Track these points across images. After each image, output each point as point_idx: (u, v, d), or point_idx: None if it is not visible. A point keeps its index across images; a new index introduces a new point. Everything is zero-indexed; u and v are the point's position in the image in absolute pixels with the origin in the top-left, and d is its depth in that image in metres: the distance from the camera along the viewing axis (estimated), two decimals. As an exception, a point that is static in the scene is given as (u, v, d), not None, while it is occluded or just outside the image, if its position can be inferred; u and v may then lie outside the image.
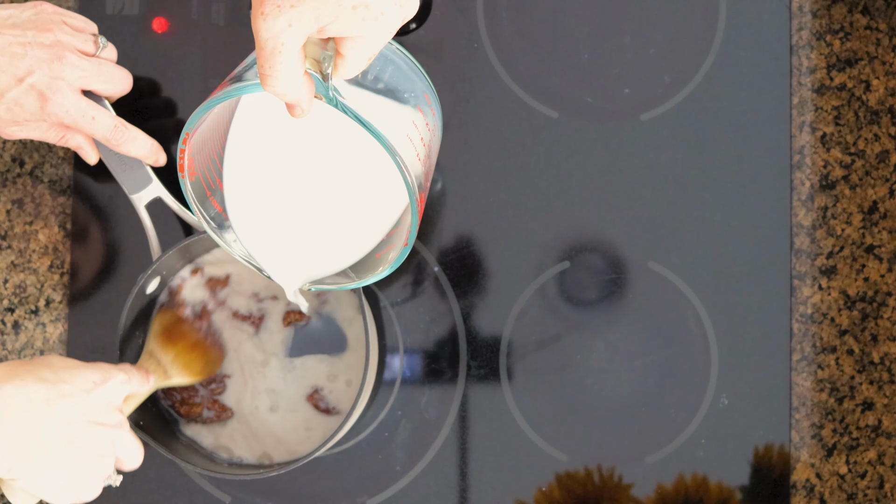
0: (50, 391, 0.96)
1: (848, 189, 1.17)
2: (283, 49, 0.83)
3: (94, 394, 0.99)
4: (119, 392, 1.01)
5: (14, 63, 1.06)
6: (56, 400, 0.96)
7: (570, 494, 1.16)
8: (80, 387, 0.98)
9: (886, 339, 1.16)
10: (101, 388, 1.00)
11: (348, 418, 1.07)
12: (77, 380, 0.98)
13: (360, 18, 0.84)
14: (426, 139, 1.00)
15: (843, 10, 1.18)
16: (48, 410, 0.95)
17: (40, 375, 0.96)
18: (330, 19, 0.83)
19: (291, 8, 0.83)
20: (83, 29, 1.12)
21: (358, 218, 1.04)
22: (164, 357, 1.11)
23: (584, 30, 1.20)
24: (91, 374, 1.00)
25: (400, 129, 0.96)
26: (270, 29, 0.83)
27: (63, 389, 0.97)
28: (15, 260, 1.20)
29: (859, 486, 1.15)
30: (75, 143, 1.12)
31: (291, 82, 0.85)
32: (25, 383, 0.95)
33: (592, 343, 1.17)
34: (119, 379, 1.02)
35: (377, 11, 0.84)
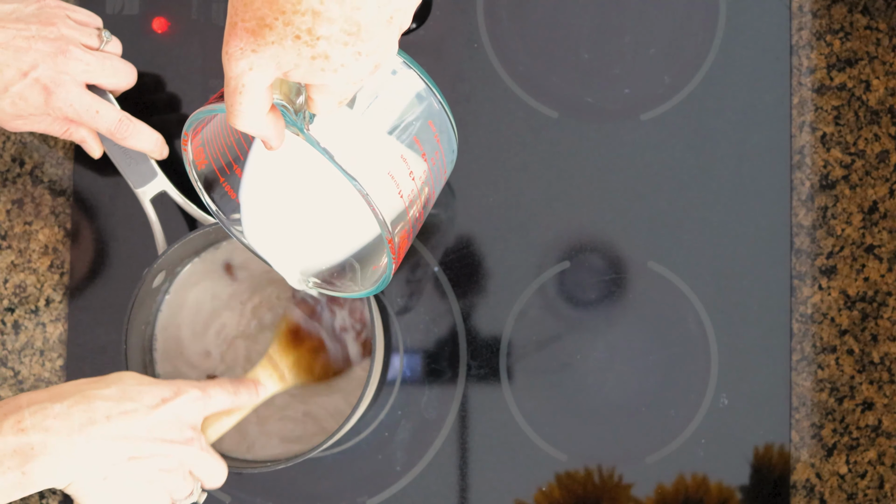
0: (112, 408, 0.96)
1: (848, 189, 1.18)
2: (243, 90, 0.86)
3: (160, 409, 0.98)
4: (192, 409, 1.01)
5: (18, 57, 1.07)
6: (117, 416, 0.96)
7: (570, 494, 1.17)
8: (146, 403, 0.98)
9: (886, 339, 1.17)
10: (168, 405, 0.99)
11: (349, 418, 1.08)
12: (144, 396, 0.98)
13: (318, 69, 0.85)
14: (418, 174, 0.99)
15: (843, 10, 1.19)
16: (108, 427, 0.95)
17: (105, 393, 0.97)
18: (290, 67, 0.85)
19: (253, 52, 0.84)
20: (87, 23, 1.12)
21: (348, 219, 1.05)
22: (282, 361, 1.10)
23: (584, 30, 1.21)
24: (161, 390, 1.00)
25: (381, 164, 0.96)
26: (234, 69, 0.85)
27: (126, 406, 0.97)
28: (15, 260, 1.21)
29: (859, 486, 1.16)
30: (79, 136, 1.13)
31: (253, 120, 0.88)
32: (88, 399, 0.96)
33: (592, 343, 1.18)
34: (191, 395, 1.01)
35: (336, 63, 0.84)
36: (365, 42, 0.84)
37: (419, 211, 1.00)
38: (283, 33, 0.83)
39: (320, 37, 0.83)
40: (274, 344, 1.11)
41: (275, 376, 1.10)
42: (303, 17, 0.83)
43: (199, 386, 1.03)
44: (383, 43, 0.85)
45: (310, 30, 0.83)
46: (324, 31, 0.83)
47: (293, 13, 0.83)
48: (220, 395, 1.04)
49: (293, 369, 1.11)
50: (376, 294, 1.10)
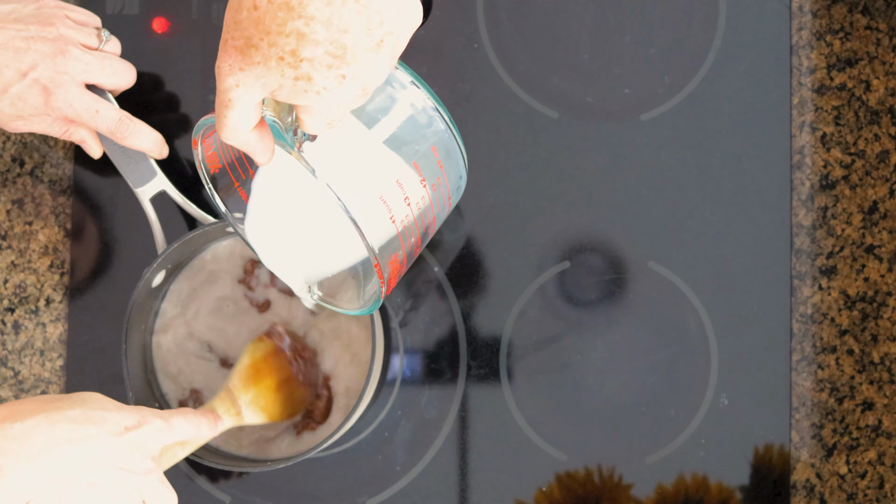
0: (75, 431, 0.94)
1: (848, 189, 1.18)
2: (230, 105, 0.87)
3: (124, 438, 0.96)
4: (154, 439, 0.99)
5: (17, 58, 1.07)
6: (80, 441, 0.94)
7: (570, 494, 1.17)
8: (109, 430, 0.96)
9: (886, 339, 1.17)
10: (132, 433, 0.97)
11: (349, 418, 1.09)
12: (108, 422, 0.96)
13: (301, 90, 0.85)
14: (415, 199, 0.98)
15: (844, 10, 1.20)
16: (69, 451, 0.93)
17: (69, 415, 0.95)
18: (275, 86, 0.85)
19: (240, 70, 0.85)
20: (86, 23, 1.13)
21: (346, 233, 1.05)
22: (242, 396, 1.09)
23: (584, 30, 1.21)
24: (125, 417, 0.98)
25: (374, 188, 0.95)
26: (222, 84, 0.86)
27: (89, 431, 0.95)
28: (15, 260, 1.22)
29: (859, 486, 1.17)
30: (79, 137, 1.14)
31: (239, 135, 0.88)
32: (50, 420, 0.94)
33: (592, 343, 1.18)
34: (155, 426, 0.99)
35: (319, 86, 0.85)
36: (350, 66, 0.84)
37: (416, 237, 0.99)
38: (268, 54, 0.84)
39: (303, 59, 0.83)
40: (234, 377, 1.10)
41: (231, 411, 1.08)
42: (287, 38, 0.83)
43: (163, 416, 1.01)
44: (371, 67, 0.85)
45: (293, 51, 0.83)
46: (307, 54, 0.83)
47: (278, 34, 0.83)
48: (182, 427, 1.02)
49: (250, 406, 1.09)
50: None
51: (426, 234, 1.00)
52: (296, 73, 0.84)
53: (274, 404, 1.11)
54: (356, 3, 0.83)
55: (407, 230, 0.97)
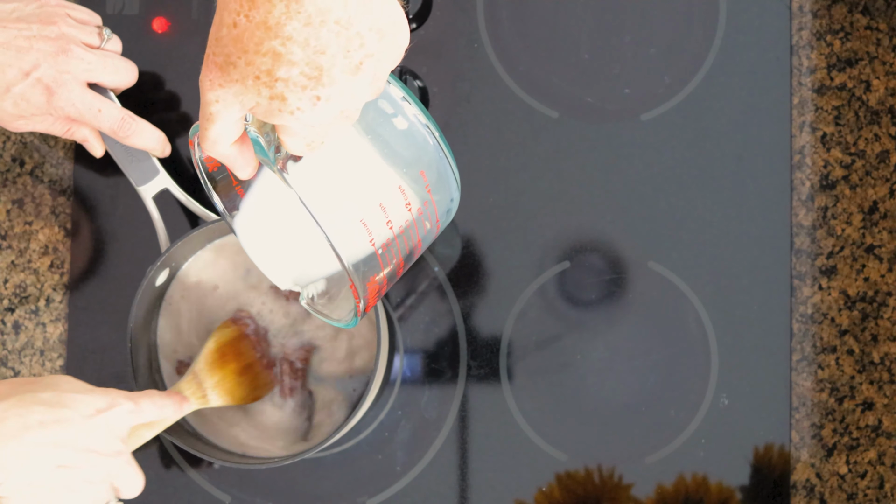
0: (46, 414, 0.96)
1: (848, 189, 1.19)
2: (211, 118, 0.87)
3: (94, 420, 0.98)
4: (124, 421, 1.01)
5: (20, 57, 1.07)
6: (51, 423, 0.96)
7: (570, 494, 1.18)
8: (80, 412, 0.98)
9: (886, 339, 1.18)
10: (102, 416, 0.99)
11: (350, 418, 1.09)
12: (79, 405, 0.98)
13: (276, 110, 0.84)
14: (398, 223, 0.96)
15: (844, 10, 1.20)
16: (41, 433, 0.95)
17: (41, 398, 0.97)
18: (252, 104, 0.85)
19: (220, 87, 0.85)
20: (88, 21, 1.13)
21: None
22: (207, 380, 1.10)
23: (584, 30, 1.21)
24: (96, 400, 0.99)
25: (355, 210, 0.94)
26: (204, 98, 0.86)
27: (60, 414, 0.96)
28: (15, 260, 1.22)
29: (859, 486, 1.17)
30: (81, 135, 1.14)
31: (220, 149, 0.89)
32: (23, 403, 0.95)
33: (592, 343, 1.19)
34: (125, 408, 1.01)
35: (292, 106, 0.84)
36: (326, 87, 0.83)
37: (399, 259, 0.98)
38: (246, 73, 0.83)
39: (279, 79, 0.83)
40: (200, 361, 1.11)
41: (197, 394, 1.10)
42: (263, 57, 0.83)
43: (132, 398, 1.02)
44: (349, 90, 0.84)
45: (269, 71, 0.83)
46: (282, 74, 0.83)
47: (255, 53, 0.83)
48: (149, 408, 1.04)
49: (215, 389, 1.11)
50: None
51: (411, 255, 1.00)
52: (271, 92, 0.84)
53: (238, 387, 1.12)
54: (335, 25, 0.82)
55: (388, 253, 0.97)
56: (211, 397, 1.10)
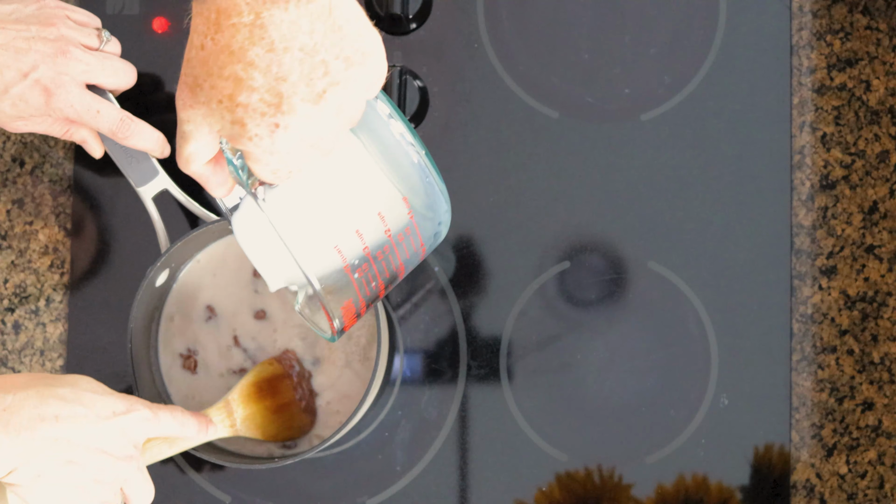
0: (62, 408, 0.96)
1: (848, 189, 1.19)
2: (184, 137, 0.88)
3: (109, 422, 0.98)
4: (139, 427, 1.01)
5: (18, 58, 1.07)
6: (66, 419, 0.96)
7: (570, 494, 1.18)
8: (96, 412, 0.98)
9: (886, 339, 1.18)
10: (118, 419, 0.99)
11: (350, 418, 1.09)
12: (97, 405, 0.98)
13: (237, 135, 0.85)
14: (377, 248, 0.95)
15: (844, 10, 1.20)
16: (56, 427, 0.95)
17: (59, 392, 0.97)
18: (218, 128, 0.85)
19: (190, 108, 0.85)
20: (87, 23, 1.13)
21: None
22: (239, 410, 1.10)
23: (584, 30, 1.21)
24: (113, 403, 1.00)
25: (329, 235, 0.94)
26: (178, 116, 0.87)
27: (76, 410, 0.97)
28: (15, 260, 1.22)
29: (859, 486, 1.17)
30: (80, 137, 1.14)
31: (192, 167, 0.89)
32: (41, 396, 0.96)
33: (592, 343, 1.19)
34: (142, 415, 1.01)
35: (251, 132, 0.84)
36: (285, 115, 0.83)
37: (377, 283, 0.97)
38: (210, 95, 0.84)
39: (239, 104, 0.83)
40: (235, 391, 1.11)
41: (227, 422, 1.10)
42: (226, 81, 0.83)
43: (151, 407, 1.02)
44: (310, 120, 0.84)
45: (231, 95, 0.83)
46: (243, 99, 0.83)
47: (218, 77, 0.83)
48: (168, 422, 1.03)
49: (245, 421, 1.11)
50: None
51: (394, 278, 0.99)
52: (232, 117, 0.84)
53: (270, 425, 1.12)
54: (299, 52, 0.82)
55: (365, 277, 0.96)
56: (240, 428, 1.10)
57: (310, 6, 0.82)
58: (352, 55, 0.84)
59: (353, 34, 0.84)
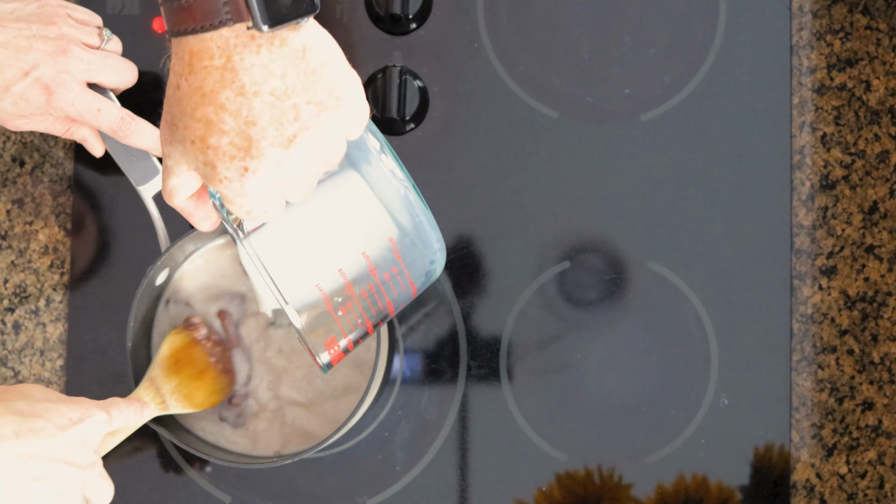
0: (21, 424, 0.94)
1: (848, 189, 1.19)
2: (167, 171, 0.89)
3: (69, 432, 0.97)
4: (97, 431, 0.99)
5: (19, 57, 1.08)
6: (26, 434, 0.94)
7: (570, 494, 1.18)
8: (55, 423, 0.96)
9: (886, 339, 1.18)
10: (76, 427, 0.97)
11: (350, 418, 1.09)
12: (53, 415, 0.96)
13: (209, 176, 0.85)
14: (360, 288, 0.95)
15: (844, 10, 1.20)
16: (16, 444, 0.93)
17: (14, 406, 0.95)
18: (193, 167, 0.86)
19: (169, 144, 0.87)
20: (88, 22, 1.13)
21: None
22: (164, 385, 1.10)
23: (584, 30, 1.22)
24: (69, 410, 0.98)
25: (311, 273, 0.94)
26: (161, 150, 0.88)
27: (35, 424, 0.95)
28: (15, 260, 1.22)
29: (859, 486, 1.17)
30: (81, 135, 1.14)
31: (175, 201, 0.90)
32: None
33: (592, 343, 1.19)
34: (99, 418, 1.00)
35: (221, 175, 0.85)
36: (254, 159, 0.84)
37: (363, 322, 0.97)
38: (184, 135, 0.85)
39: (209, 146, 0.84)
40: (155, 368, 1.11)
41: (157, 399, 1.09)
42: (198, 123, 0.83)
43: (104, 407, 1.01)
44: (281, 164, 0.84)
45: (202, 137, 0.84)
46: (213, 141, 0.83)
47: (191, 118, 0.84)
48: (118, 417, 1.03)
49: (173, 394, 1.10)
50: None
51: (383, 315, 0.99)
52: (204, 158, 0.85)
53: (196, 392, 1.12)
54: (270, 96, 0.83)
55: (349, 315, 0.96)
56: (170, 403, 1.10)
57: (283, 50, 0.83)
58: (324, 100, 0.84)
59: (327, 78, 0.84)
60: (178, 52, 0.84)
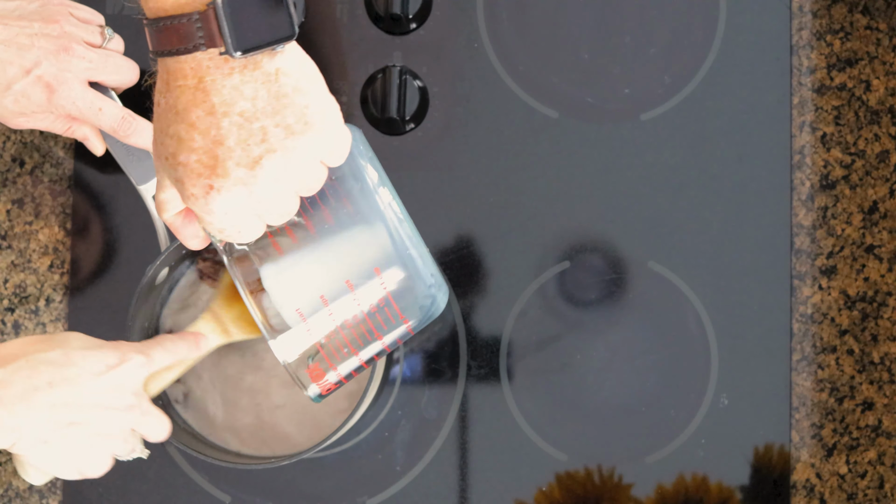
0: (55, 374, 0.97)
1: (848, 189, 1.19)
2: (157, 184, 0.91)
3: (104, 377, 0.99)
4: (135, 375, 1.01)
5: (21, 55, 1.08)
6: (59, 383, 0.97)
7: (570, 494, 1.18)
8: (89, 370, 0.99)
9: (886, 339, 1.18)
10: (113, 372, 1.00)
11: (350, 418, 1.09)
12: (88, 362, 0.99)
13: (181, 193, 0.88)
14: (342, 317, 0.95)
15: (844, 10, 1.21)
16: (50, 393, 0.96)
17: (49, 357, 0.98)
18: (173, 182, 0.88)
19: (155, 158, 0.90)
20: (90, 20, 1.14)
21: None
22: (226, 314, 1.10)
23: (584, 30, 1.22)
24: (105, 356, 1.00)
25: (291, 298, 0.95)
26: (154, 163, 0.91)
27: (69, 372, 0.98)
28: (15, 260, 1.22)
29: (859, 486, 1.18)
30: (82, 134, 1.15)
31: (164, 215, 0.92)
32: (30, 363, 0.97)
33: (592, 343, 1.19)
34: (136, 362, 1.01)
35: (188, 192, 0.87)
36: (220, 178, 0.85)
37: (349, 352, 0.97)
38: (160, 151, 0.88)
39: (179, 163, 0.86)
40: (216, 297, 1.11)
41: (217, 329, 1.09)
42: (171, 139, 0.86)
43: (143, 350, 1.03)
44: (246, 185, 0.86)
45: (174, 154, 0.86)
46: (183, 158, 0.86)
47: (165, 135, 0.87)
48: (162, 356, 1.04)
49: (236, 322, 1.10)
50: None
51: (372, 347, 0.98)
52: (175, 174, 0.87)
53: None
54: (238, 117, 0.85)
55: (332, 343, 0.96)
56: (232, 331, 1.10)
57: (255, 73, 0.85)
58: (293, 124, 0.86)
59: (298, 103, 0.86)
60: (160, 71, 0.88)
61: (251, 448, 1.16)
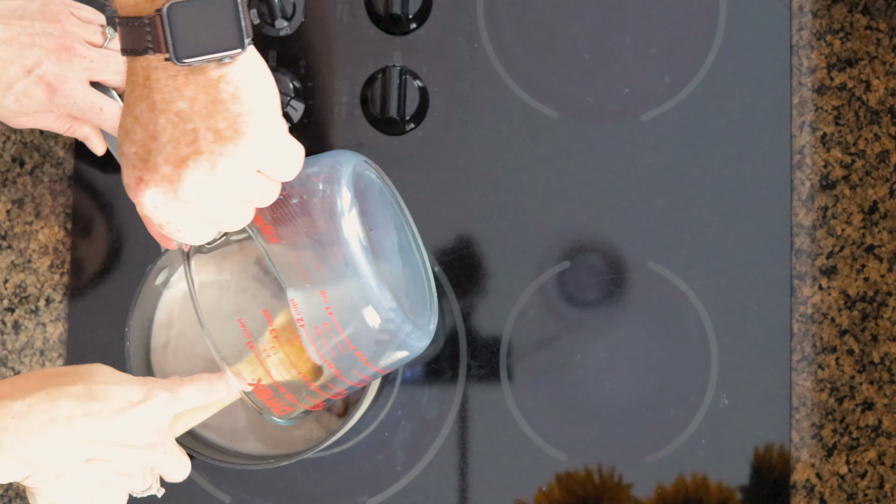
0: (75, 408, 0.96)
1: (848, 189, 1.20)
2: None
3: (126, 414, 0.98)
4: (160, 412, 1.00)
5: (22, 54, 1.08)
6: (80, 418, 0.96)
7: (570, 494, 1.18)
8: (112, 405, 0.97)
9: (886, 339, 1.18)
10: (136, 408, 0.98)
11: (350, 418, 1.09)
12: (112, 398, 0.98)
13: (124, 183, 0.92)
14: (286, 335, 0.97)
15: (844, 10, 1.21)
16: (68, 428, 0.95)
17: (70, 391, 0.97)
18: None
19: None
20: (91, 20, 1.14)
21: None
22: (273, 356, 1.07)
23: (584, 30, 1.22)
24: (130, 392, 0.99)
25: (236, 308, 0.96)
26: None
27: (90, 408, 0.96)
28: (15, 260, 1.23)
29: (859, 486, 1.18)
30: (82, 133, 1.15)
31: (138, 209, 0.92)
32: (51, 397, 0.96)
33: (592, 343, 1.19)
34: (161, 399, 1.00)
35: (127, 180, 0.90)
36: (149, 172, 0.88)
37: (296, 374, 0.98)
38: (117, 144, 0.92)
39: (122, 153, 0.90)
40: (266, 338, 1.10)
41: (259, 371, 1.08)
42: (121, 130, 0.90)
43: (170, 387, 1.02)
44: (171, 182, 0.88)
45: (120, 144, 0.90)
46: (125, 149, 0.89)
47: (120, 127, 0.90)
48: (192, 395, 1.03)
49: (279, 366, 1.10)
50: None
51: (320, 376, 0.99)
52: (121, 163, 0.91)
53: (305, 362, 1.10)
54: (174, 116, 0.87)
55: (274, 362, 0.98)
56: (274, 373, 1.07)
57: (199, 77, 0.87)
58: (223, 129, 0.87)
59: (233, 110, 0.88)
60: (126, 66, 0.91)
61: (251, 448, 1.16)
